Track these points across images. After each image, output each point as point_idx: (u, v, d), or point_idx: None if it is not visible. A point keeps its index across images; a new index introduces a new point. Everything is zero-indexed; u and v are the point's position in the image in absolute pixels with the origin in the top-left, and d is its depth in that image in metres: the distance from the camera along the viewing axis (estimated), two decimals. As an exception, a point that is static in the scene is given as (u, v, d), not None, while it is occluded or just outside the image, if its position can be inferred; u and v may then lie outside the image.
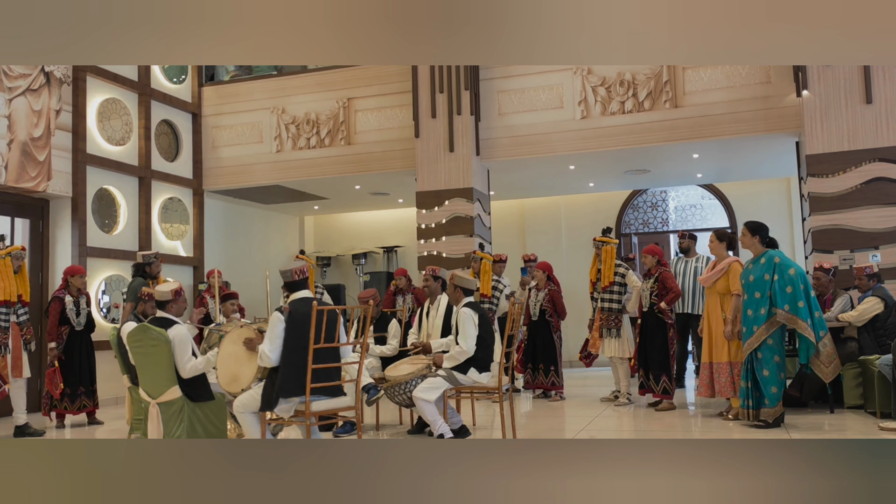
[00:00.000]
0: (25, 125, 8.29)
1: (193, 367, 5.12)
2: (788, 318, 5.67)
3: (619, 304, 7.49)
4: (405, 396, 5.39)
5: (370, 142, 10.24)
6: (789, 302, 5.64)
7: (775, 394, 5.72)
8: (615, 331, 7.44)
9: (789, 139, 9.03)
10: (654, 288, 7.06)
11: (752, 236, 5.93)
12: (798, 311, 5.62)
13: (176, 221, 10.44)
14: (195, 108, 10.84)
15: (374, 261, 13.63)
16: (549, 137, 9.48)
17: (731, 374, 6.18)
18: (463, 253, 9.39)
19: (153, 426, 5.20)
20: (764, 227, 5.99)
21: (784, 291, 5.67)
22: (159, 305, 5.29)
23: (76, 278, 7.31)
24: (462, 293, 5.55)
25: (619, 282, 7.48)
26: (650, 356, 7.05)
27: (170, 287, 5.31)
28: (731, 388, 6.18)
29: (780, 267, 5.71)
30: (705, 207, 12.57)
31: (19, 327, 6.84)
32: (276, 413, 4.52)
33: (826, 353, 5.71)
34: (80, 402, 7.22)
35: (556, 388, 7.98)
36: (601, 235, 7.74)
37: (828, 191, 8.19)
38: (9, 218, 8.37)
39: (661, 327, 7.03)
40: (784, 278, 5.67)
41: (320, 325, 4.40)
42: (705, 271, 6.51)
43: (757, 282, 5.78)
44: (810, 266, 8.29)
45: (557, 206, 12.82)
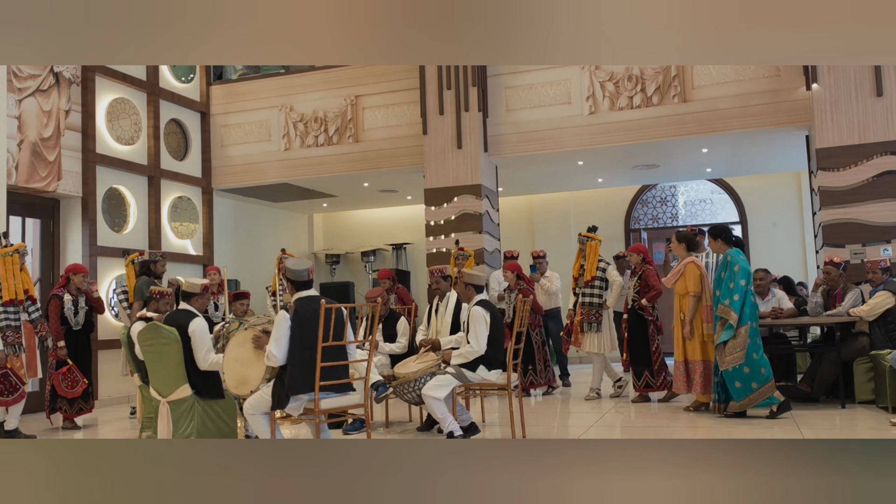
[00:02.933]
0: (35, 126, 8.34)
1: (214, 362, 5.12)
2: (725, 310, 5.92)
3: (600, 299, 7.61)
4: (414, 394, 5.40)
5: (378, 139, 10.24)
6: (729, 296, 5.91)
7: (739, 389, 5.94)
8: (596, 325, 7.58)
9: (799, 133, 8.97)
10: (637, 285, 7.19)
11: (715, 240, 6.21)
12: (733, 304, 5.88)
13: (185, 220, 10.48)
14: (203, 107, 10.87)
15: (383, 258, 13.65)
16: (558, 133, 9.46)
17: (704, 372, 6.42)
18: (472, 250, 9.38)
19: (163, 424, 5.23)
20: (727, 229, 6.28)
21: (728, 287, 5.94)
22: (185, 297, 5.33)
23: (78, 277, 7.13)
24: (474, 290, 5.54)
25: (601, 276, 7.64)
26: (632, 352, 7.22)
27: (200, 281, 5.38)
28: (700, 386, 6.42)
29: (729, 264, 5.99)
30: (715, 202, 12.52)
31: (32, 325, 6.70)
32: (286, 411, 4.54)
33: (732, 345, 5.89)
34: (77, 405, 7.06)
35: (535, 386, 8.00)
36: (586, 231, 7.84)
37: (838, 185, 8.14)
38: (20, 218, 8.42)
39: (642, 324, 7.18)
40: (730, 274, 5.95)
41: (328, 322, 4.41)
42: (671, 272, 6.72)
43: (716, 281, 6.10)
44: (821, 260, 8.24)
45: (566, 202, 12.80)
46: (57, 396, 6.98)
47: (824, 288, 7.21)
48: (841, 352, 6.60)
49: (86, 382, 6.97)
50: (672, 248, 6.75)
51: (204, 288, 5.38)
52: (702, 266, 6.55)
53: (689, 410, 6.57)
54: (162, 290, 6.03)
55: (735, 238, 6.27)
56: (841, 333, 6.74)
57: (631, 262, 7.39)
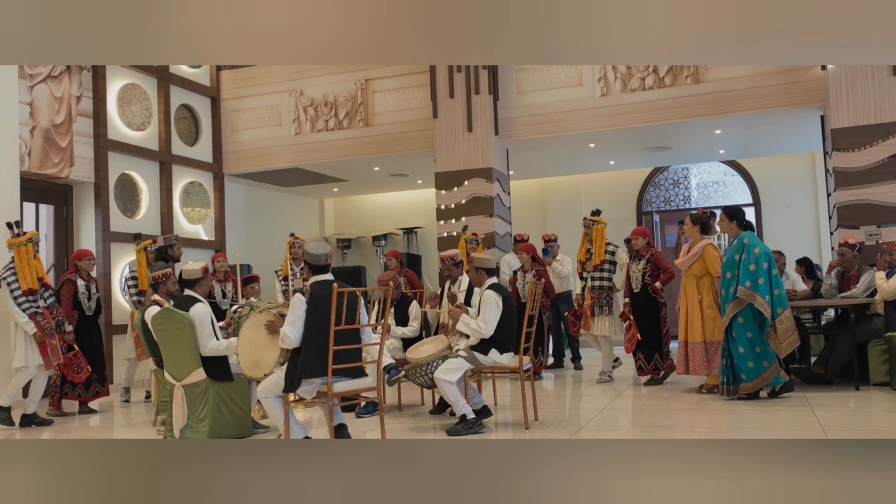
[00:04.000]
0: (47, 112, 8.36)
1: (215, 347, 5.18)
2: (748, 294, 5.92)
3: (610, 283, 7.61)
4: (427, 378, 5.41)
5: (388, 123, 10.21)
6: (751, 279, 5.90)
7: (751, 369, 5.97)
8: (607, 308, 7.56)
9: (814, 113, 8.87)
10: (646, 269, 7.17)
11: (730, 221, 6.20)
12: (758, 288, 5.87)
13: (197, 205, 10.51)
14: (214, 92, 10.86)
15: (394, 242, 13.66)
16: (569, 115, 9.40)
17: (706, 353, 6.45)
18: (483, 233, 9.37)
19: (178, 408, 5.28)
20: (741, 211, 6.30)
21: (747, 269, 5.92)
22: (187, 284, 5.36)
23: (84, 261, 7.17)
24: (485, 274, 5.53)
25: (610, 260, 7.62)
26: (643, 336, 7.20)
27: (198, 266, 5.39)
28: (704, 366, 6.46)
29: (747, 247, 5.98)
30: (728, 184, 12.42)
31: (49, 310, 6.74)
32: (299, 394, 4.56)
33: (783, 329, 5.91)
34: (94, 388, 7.14)
35: (542, 368, 8.03)
36: (591, 215, 7.83)
37: (854, 165, 8.05)
38: (33, 204, 8.47)
39: (654, 307, 7.20)
40: (749, 257, 5.94)
41: (341, 306, 4.42)
42: (681, 254, 6.72)
43: (729, 263, 6.08)
44: (835, 242, 8.18)
45: (578, 185, 12.73)
46: (65, 382, 7.03)
47: (839, 269, 7.16)
48: (855, 334, 6.56)
49: (89, 370, 7.00)
50: (685, 231, 6.73)
51: (204, 270, 5.39)
52: (718, 248, 6.57)
53: (701, 392, 6.57)
54: (165, 272, 6.00)
55: (747, 222, 6.28)
56: (855, 315, 6.69)
57: (635, 246, 7.36)
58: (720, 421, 5.46)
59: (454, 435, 5.13)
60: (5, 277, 6.52)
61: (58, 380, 7.04)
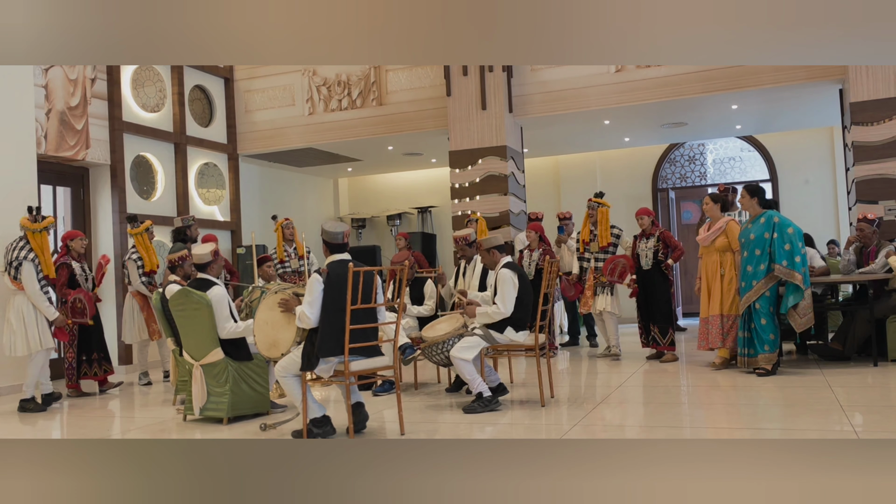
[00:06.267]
0: (62, 94, 8.40)
1: (232, 330, 5.25)
2: (786, 272, 6.05)
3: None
4: (443, 356, 5.43)
5: (402, 101, 10.17)
6: (787, 258, 6.06)
7: (773, 340, 6.16)
8: (609, 288, 7.74)
9: (832, 87, 8.75)
10: (657, 246, 7.32)
11: (752, 198, 6.35)
12: (794, 266, 6.04)
13: (212, 186, 10.55)
14: (227, 73, 10.86)
15: (408, 221, 13.66)
16: (584, 92, 9.32)
17: (722, 327, 6.63)
18: (498, 212, 9.35)
19: (197, 388, 5.34)
20: (762, 189, 6.44)
21: (783, 249, 6.08)
22: (199, 268, 5.42)
23: (76, 241, 7.07)
24: (498, 253, 5.52)
25: (615, 242, 7.83)
26: (654, 312, 7.39)
27: (208, 248, 5.43)
28: (720, 339, 6.63)
29: (779, 226, 6.13)
30: (745, 160, 12.30)
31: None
32: (317, 373, 4.60)
33: (804, 306, 6.08)
34: (101, 368, 7.18)
35: (552, 346, 8.06)
36: (594, 197, 7.94)
37: (872, 139, 7.95)
38: (51, 186, 8.54)
39: (664, 283, 7.38)
40: (783, 236, 6.09)
41: (357, 285, 4.44)
42: (702, 231, 6.93)
43: (758, 240, 6.19)
44: (854, 217, 8.09)
45: (593, 162, 12.66)
46: (81, 363, 7.09)
47: (857, 245, 7.10)
48: (874, 310, 6.52)
49: (91, 322, 6.97)
50: (705, 209, 6.92)
51: (213, 253, 5.43)
52: (739, 224, 6.72)
53: (715, 367, 6.66)
54: (181, 255, 6.11)
55: (767, 200, 6.42)
56: (874, 291, 6.64)
57: (642, 225, 7.44)
58: (735, 397, 5.45)
59: (470, 412, 5.16)
60: (33, 259, 6.41)
61: (73, 362, 7.08)
